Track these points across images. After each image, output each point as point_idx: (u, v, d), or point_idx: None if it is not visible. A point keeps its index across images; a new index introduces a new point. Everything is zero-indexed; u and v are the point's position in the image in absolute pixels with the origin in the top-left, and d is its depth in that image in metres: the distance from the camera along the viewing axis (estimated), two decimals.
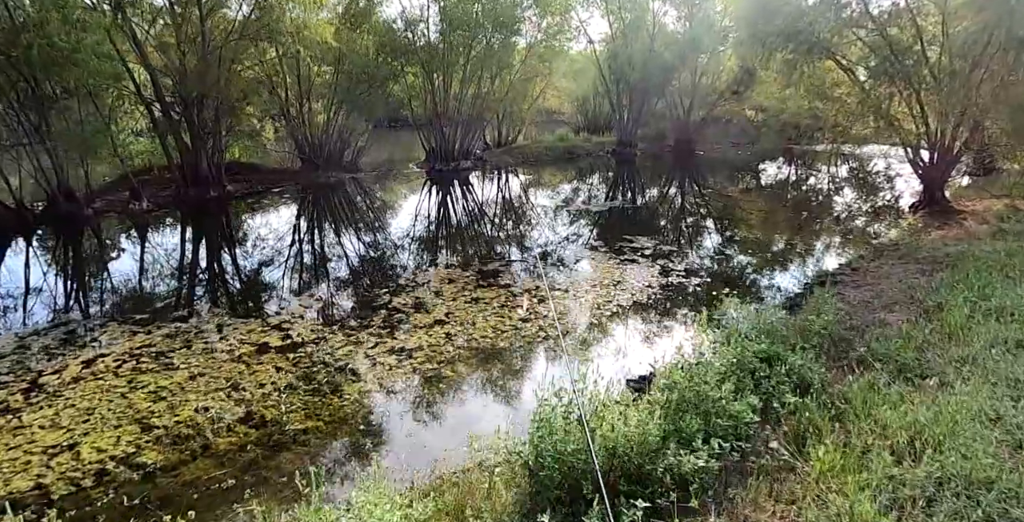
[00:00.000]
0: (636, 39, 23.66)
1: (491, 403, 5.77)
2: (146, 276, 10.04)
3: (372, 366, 6.38)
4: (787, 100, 17.64)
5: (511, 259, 10.25)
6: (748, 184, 20.27)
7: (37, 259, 11.19)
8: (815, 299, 6.28)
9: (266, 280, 9.81)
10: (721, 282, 9.01)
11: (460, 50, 18.92)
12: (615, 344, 6.87)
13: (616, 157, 27.09)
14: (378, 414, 5.54)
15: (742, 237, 12.49)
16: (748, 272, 9.82)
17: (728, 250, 11.25)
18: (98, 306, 8.62)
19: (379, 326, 7.37)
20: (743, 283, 9.13)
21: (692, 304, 8.13)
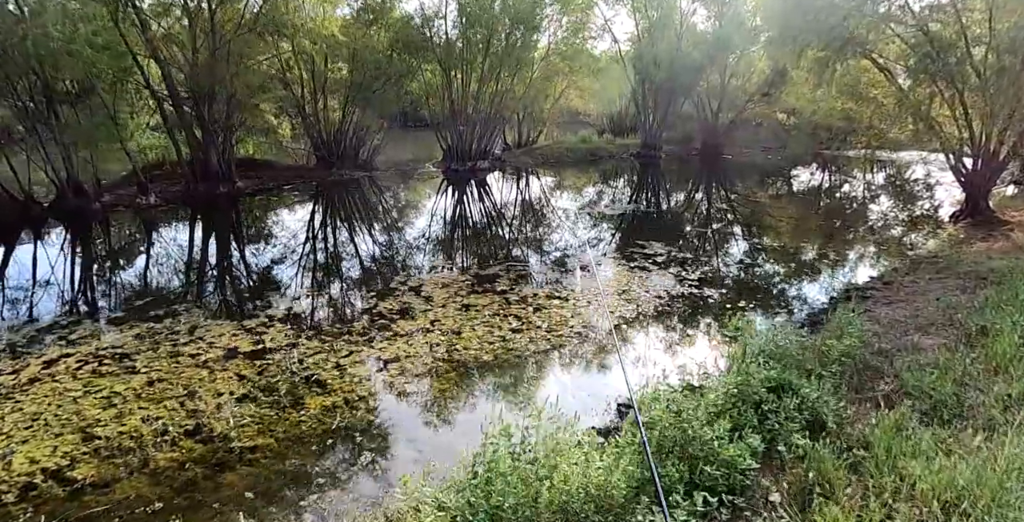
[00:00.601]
0: (662, 38, 22.85)
1: (459, 430, 5.17)
2: (134, 273, 9.75)
3: (340, 377, 5.87)
4: (818, 102, 16.67)
5: (511, 263, 9.66)
6: (778, 190, 19.30)
7: (33, 253, 11.04)
8: (838, 317, 5.54)
9: (253, 280, 9.44)
10: (739, 294, 8.29)
11: (478, 47, 18.45)
12: (606, 363, 6.22)
13: (640, 160, 26.28)
14: (337, 434, 5.01)
15: (767, 245, 11.68)
16: (770, 283, 9.05)
17: (750, 259, 10.46)
18: (80, 303, 8.33)
19: (358, 333, 6.87)
20: (763, 295, 8.37)
21: (702, 319, 7.43)
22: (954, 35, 10.83)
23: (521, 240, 12.02)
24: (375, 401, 5.49)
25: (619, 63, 25.39)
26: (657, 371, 5.76)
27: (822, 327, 6.50)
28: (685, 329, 7.15)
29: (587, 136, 28.35)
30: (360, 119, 19.34)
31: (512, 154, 24.98)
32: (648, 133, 26.51)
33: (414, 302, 7.79)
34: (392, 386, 5.71)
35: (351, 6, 17.70)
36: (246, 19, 13.12)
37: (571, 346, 6.46)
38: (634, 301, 7.83)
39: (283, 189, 17.18)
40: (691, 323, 7.34)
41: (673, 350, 6.52)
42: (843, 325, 5.13)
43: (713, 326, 7.12)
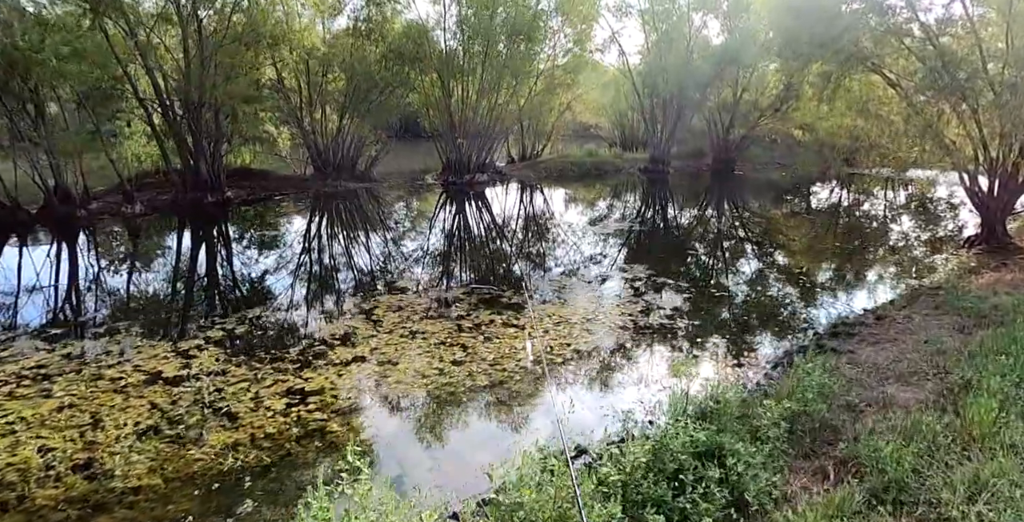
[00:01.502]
0: (671, 51, 22.31)
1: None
2: (90, 286, 9.45)
3: (254, 411, 5.40)
4: (826, 118, 15.89)
5: (476, 286, 9.14)
6: (792, 208, 18.46)
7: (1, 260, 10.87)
8: (798, 368, 4.90)
9: (206, 296, 9.06)
10: (716, 326, 7.64)
11: (477, 59, 18.14)
12: (541, 407, 5.64)
13: (647, 175, 25.66)
14: (229, 477, 4.53)
15: (768, 269, 11.00)
16: (754, 313, 8.36)
17: (745, 284, 9.78)
18: (29, 315, 8.03)
19: (291, 360, 6.41)
20: (741, 328, 7.70)
21: (659, 357, 6.79)
22: (967, 49, 10.10)
23: (495, 261, 11.51)
24: (281, 439, 5.00)
25: (627, 76, 24.91)
26: (595, 418, 5.18)
27: (795, 368, 5.86)
28: (641, 367, 6.52)
29: (593, 150, 27.82)
30: (358, 130, 19.13)
31: (515, 167, 24.58)
32: (656, 148, 25.90)
33: (361, 327, 7.32)
34: (304, 423, 5.21)
35: (350, 17, 17.59)
36: (231, 30, 12.98)
37: (512, 383, 5.89)
38: (595, 332, 7.25)
39: (273, 199, 16.97)
40: (649, 361, 6.71)
41: (616, 393, 5.90)
42: (799, 379, 4.49)
43: (673, 363, 6.49)
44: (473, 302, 8.28)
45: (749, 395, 5.06)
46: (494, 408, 5.48)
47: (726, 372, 6.17)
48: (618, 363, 6.47)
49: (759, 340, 7.27)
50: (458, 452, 4.89)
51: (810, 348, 6.62)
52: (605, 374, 6.22)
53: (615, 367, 6.39)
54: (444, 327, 7.28)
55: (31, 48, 8.79)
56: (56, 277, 9.73)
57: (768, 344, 7.12)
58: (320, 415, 5.34)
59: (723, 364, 6.43)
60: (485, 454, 4.72)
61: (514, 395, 5.71)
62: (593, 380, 6.08)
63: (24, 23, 9.22)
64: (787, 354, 6.65)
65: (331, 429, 5.15)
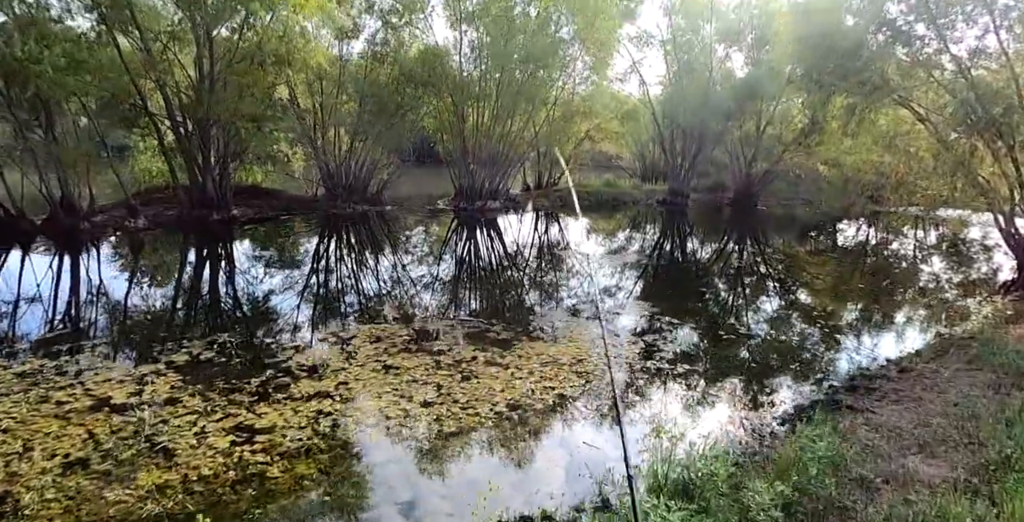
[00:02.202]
0: (692, 82, 22.01)
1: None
2: (70, 299, 9.16)
3: (194, 448, 4.90)
4: (851, 153, 15.23)
5: (465, 318, 8.61)
6: (817, 245, 17.66)
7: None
8: (800, 436, 4.23)
9: (182, 317, 8.68)
10: (717, 374, 6.97)
11: (490, 84, 18.03)
12: (484, 472, 5.01)
13: (665, 207, 25.10)
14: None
15: (776, 312, 10.27)
16: (761, 360, 7.65)
17: (758, 326, 9.07)
18: None
19: (250, 392, 5.92)
20: (746, 377, 7.01)
21: (648, 410, 6.12)
22: (1002, 83, 9.47)
23: (490, 293, 10.99)
24: (214, 484, 4.47)
25: (647, 106, 24.65)
26: (559, 484, 4.56)
27: (808, 423, 5.17)
28: (627, 421, 5.88)
29: (611, 180, 27.44)
30: (370, 153, 19.05)
31: (529, 195, 24.27)
32: (676, 180, 25.40)
33: (334, 358, 6.82)
34: (244, 466, 4.68)
35: (368, 40, 17.68)
36: (240, 48, 13.03)
37: (480, 432, 5.29)
38: (586, 376, 6.64)
39: (280, 220, 16.82)
40: (637, 413, 6.04)
41: (592, 453, 5.26)
42: (797, 456, 3.82)
43: (657, 424, 5.84)
44: (457, 336, 7.74)
45: (745, 460, 4.40)
46: (452, 462, 4.87)
47: (724, 430, 5.48)
48: (601, 415, 5.81)
49: (768, 391, 6.56)
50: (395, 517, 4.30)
51: (823, 404, 5.91)
52: (583, 428, 5.58)
53: (597, 420, 5.74)
54: (421, 362, 6.74)
55: (28, 59, 8.79)
56: (38, 290, 9.49)
57: (778, 396, 6.41)
58: (263, 458, 4.81)
59: (721, 420, 5.74)
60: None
61: (478, 446, 5.10)
62: (568, 435, 5.44)
63: (26, 35, 9.27)
64: (798, 409, 5.95)
65: (271, 474, 4.61)
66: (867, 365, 7.42)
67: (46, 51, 8.86)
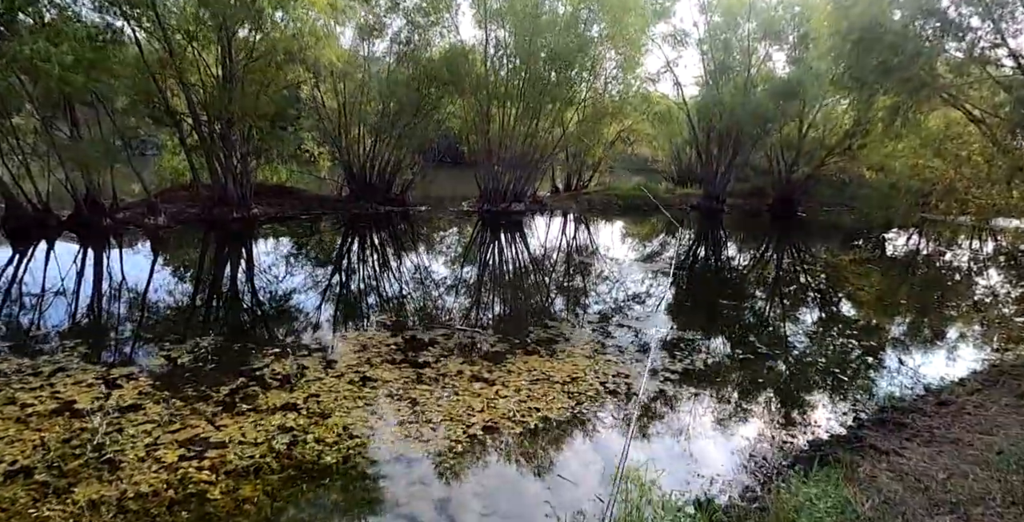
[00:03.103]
0: (729, 82, 21.05)
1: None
2: (70, 297, 9.07)
3: (141, 461, 4.60)
4: (896, 157, 14.08)
5: (460, 327, 8.16)
6: (860, 254, 16.51)
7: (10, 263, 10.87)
8: (794, 495, 3.60)
9: (170, 317, 8.46)
10: (726, 400, 6.32)
11: (515, 84, 17.59)
12: (435, 507, 4.53)
13: (699, 212, 24.15)
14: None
15: (808, 328, 9.46)
16: (780, 386, 6.93)
17: (774, 346, 8.31)
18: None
19: (216, 401, 5.61)
20: (759, 405, 6.33)
21: (636, 440, 5.54)
22: None
23: (495, 300, 10.48)
24: (150, 504, 4.14)
25: (682, 108, 23.77)
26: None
27: (830, 466, 4.52)
28: (607, 453, 5.30)
29: (643, 183, 26.58)
30: (394, 153, 18.88)
31: (556, 198, 23.72)
32: (711, 184, 24.41)
33: (312, 366, 6.48)
34: (185, 484, 4.35)
35: (394, 40, 17.51)
36: (256, 46, 12.97)
37: (447, 457, 4.81)
38: (576, 397, 6.09)
39: (300, 219, 16.77)
40: (621, 444, 5.47)
41: (557, 491, 4.71)
42: (796, 508, 3.20)
43: (630, 468, 5.24)
44: (449, 346, 7.29)
45: (736, 511, 3.79)
46: (409, 492, 4.41)
47: (721, 469, 4.86)
48: (579, 447, 5.22)
49: (783, 422, 5.86)
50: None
51: (844, 441, 5.22)
52: (562, 458, 5.03)
53: (576, 450, 5.17)
54: (402, 375, 6.32)
55: (37, 56, 8.85)
56: (43, 286, 9.51)
57: (793, 429, 5.71)
58: (208, 476, 4.46)
59: (721, 457, 5.11)
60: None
61: (441, 474, 4.62)
62: (543, 466, 4.89)
63: (36, 33, 9.35)
64: (813, 446, 5.25)
65: (212, 496, 4.25)
66: (902, 394, 6.63)
67: (53, 49, 8.89)
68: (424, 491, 4.39)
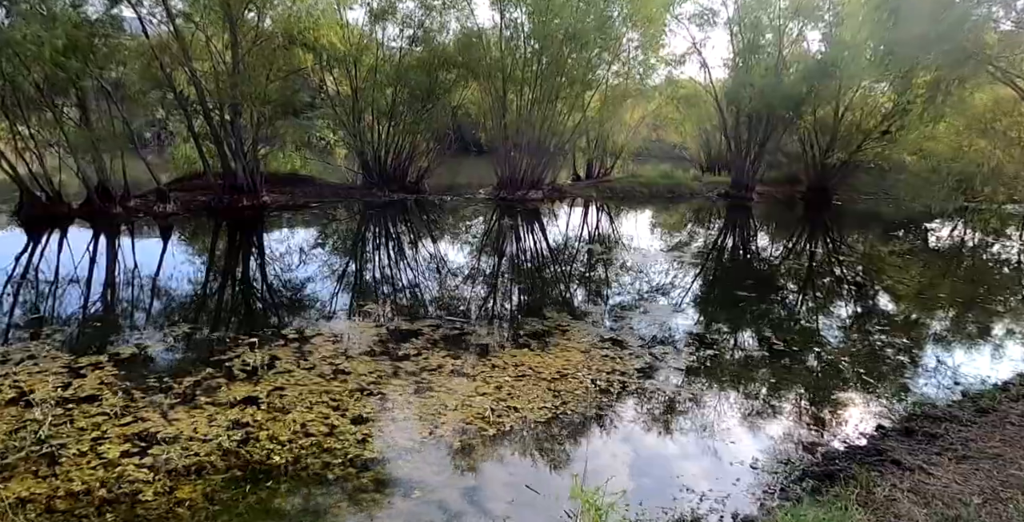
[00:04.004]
0: (760, 64, 19.94)
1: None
2: (61, 282, 8.91)
3: (81, 456, 4.30)
4: (938, 138, 12.95)
5: (450, 317, 7.69)
6: (901, 245, 15.43)
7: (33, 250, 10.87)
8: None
9: (157, 304, 8.21)
10: (739, 402, 5.73)
11: (530, 67, 16.94)
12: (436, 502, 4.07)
13: (727, 200, 23.12)
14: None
15: (841, 323, 8.73)
16: (798, 385, 6.29)
17: (798, 341, 7.62)
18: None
19: (178, 393, 5.30)
20: (775, 409, 5.72)
21: (616, 448, 5.00)
22: None
23: (495, 290, 9.93)
24: (78, 504, 3.82)
25: (709, 92, 22.72)
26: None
27: (842, 482, 3.94)
28: (584, 463, 4.78)
29: (669, 171, 25.61)
30: (409, 140, 18.51)
31: (576, 185, 23.00)
32: (740, 171, 23.32)
33: (285, 357, 6.12)
34: (121, 482, 4.02)
35: (406, 23, 17.04)
36: (259, 31, 12.67)
37: (401, 463, 4.37)
38: (562, 395, 5.57)
39: (310, 207, 16.57)
40: (600, 453, 4.94)
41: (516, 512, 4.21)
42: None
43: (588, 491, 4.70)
44: (434, 338, 6.85)
45: None
46: (360, 497, 3.98)
47: (710, 482, 4.30)
48: (555, 453, 4.71)
49: (796, 430, 5.24)
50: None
51: (862, 455, 4.59)
52: (533, 465, 4.53)
53: (554, 456, 4.68)
54: (378, 368, 5.91)
55: (30, 41, 8.70)
56: (37, 272, 9.43)
57: (807, 436, 5.09)
58: (146, 474, 4.13)
59: (718, 470, 4.54)
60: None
61: (397, 480, 4.18)
62: (512, 474, 4.40)
63: (31, 19, 9.21)
64: (826, 459, 4.63)
65: (145, 497, 3.91)
66: (937, 397, 5.92)
67: (45, 33, 8.73)
68: (372, 499, 3.96)
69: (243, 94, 12.66)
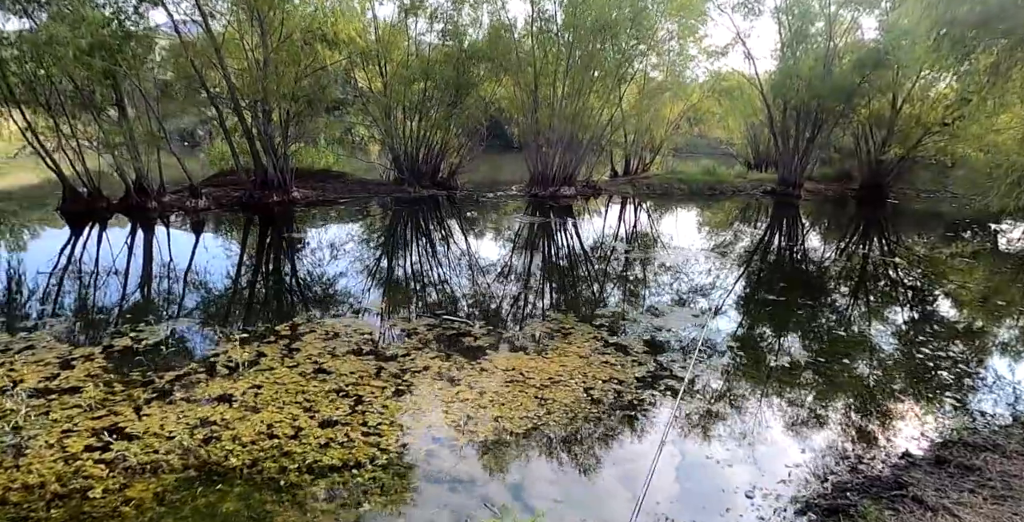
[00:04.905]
0: (808, 54, 18.81)
1: None
2: (79, 273, 9.15)
3: (47, 448, 4.25)
4: (1000, 131, 11.72)
5: (450, 317, 7.40)
6: (964, 247, 14.19)
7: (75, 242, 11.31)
8: None
9: (160, 296, 8.28)
10: (755, 417, 5.23)
11: (562, 60, 16.48)
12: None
13: (773, 198, 22.01)
14: None
15: (889, 331, 7.99)
16: (824, 405, 5.71)
17: (832, 348, 7.00)
18: None
19: (155, 388, 5.23)
20: (794, 429, 5.18)
21: (592, 471, 4.59)
22: None
23: (508, 289, 9.60)
24: (30, 500, 3.75)
25: (754, 85, 21.64)
26: None
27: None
28: (553, 488, 4.39)
29: (711, 167, 24.59)
30: (440, 135, 18.41)
31: (612, 182, 22.39)
32: (787, 167, 22.15)
33: (271, 354, 6.00)
34: (77, 478, 3.94)
35: (437, 18, 16.90)
36: (284, 26, 12.73)
37: (362, 474, 4.10)
38: (550, 402, 5.21)
39: (339, 203, 16.67)
40: (569, 479, 4.53)
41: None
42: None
43: None
44: (428, 338, 6.59)
45: None
46: (306, 507, 3.76)
47: (693, 513, 3.85)
48: (530, 471, 4.36)
49: (801, 455, 4.70)
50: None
51: (877, 489, 4.04)
52: (496, 485, 4.19)
53: (524, 473, 4.32)
54: (362, 368, 5.70)
55: (55, 41, 8.97)
56: (71, 260, 9.72)
57: (821, 463, 4.54)
58: (101, 470, 4.04)
59: (697, 499, 4.09)
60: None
61: (344, 494, 3.93)
62: (466, 495, 4.09)
63: (57, 21, 9.52)
64: (836, 491, 4.10)
65: (95, 494, 3.81)
66: (980, 422, 5.24)
67: (70, 34, 8.98)
68: (321, 510, 3.73)
69: (268, 91, 12.79)
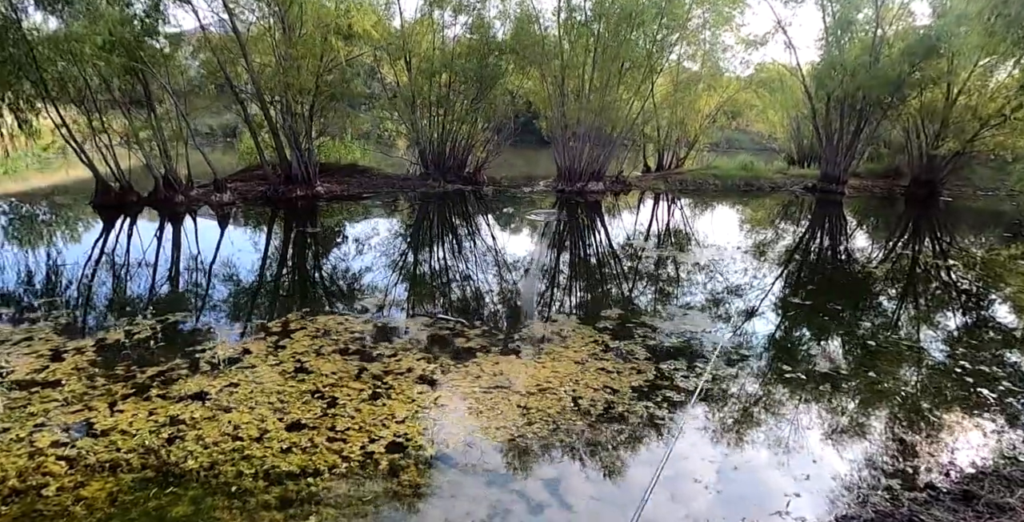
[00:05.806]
0: (854, 42, 17.72)
1: None
2: (97, 265, 9.32)
3: (17, 442, 4.22)
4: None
5: (444, 316, 7.16)
6: (1006, 250, 13.13)
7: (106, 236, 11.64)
8: None
9: (170, 289, 8.32)
10: (740, 439, 4.80)
11: (589, 51, 15.99)
12: None
13: (814, 195, 20.96)
14: None
15: (934, 340, 7.34)
16: (833, 423, 5.22)
17: (859, 359, 6.45)
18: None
19: (135, 383, 5.17)
20: (792, 447, 4.73)
21: (566, 497, 4.24)
22: None
23: (506, 286, 9.30)
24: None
25: (796, 76, 20.58)
26: None
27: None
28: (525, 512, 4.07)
29: (748, 162, 23.61)
30: (463, 129, 18.23)
31: (644, 178, 21.74)
32: (830, 162, 21.02)
33: (257, 350, 5.89)
34: (38, 473, 3.88)
35: (467, 13, 16.68)
36: (305, 21, 12.73)
37: (319, 483, 3.90)
38: (531, 413, 4.90)
39: (363, 197, 16.69)
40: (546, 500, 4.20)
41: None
42: None
43: None
44: (419, 337, 6.37)
45: None
46: (254, 514, 3.58)
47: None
48: (494, 491, 4.07)
49: (803, 485, 4.24)
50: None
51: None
52: (454, 503, 3.92)
53: (486, 490, 4.03)
54: (343, 369, 5.52)
55: (71, 38, 9.16)
56: (104, 252, 9.94)
57: (822, 493, 4.08)
58: (61, 467, 3.97)
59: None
60: None
61: (296, 502, 3.73)
62: (424, 513, 3.83)
63: (75, 17, 9.73)
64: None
65: (49, 492, 3.74)
66: (1022, 451, 4.65)
67: (84, 31, 9.15)
68: (272, 519, 3.54)
69: (288, 85, 12.84)
